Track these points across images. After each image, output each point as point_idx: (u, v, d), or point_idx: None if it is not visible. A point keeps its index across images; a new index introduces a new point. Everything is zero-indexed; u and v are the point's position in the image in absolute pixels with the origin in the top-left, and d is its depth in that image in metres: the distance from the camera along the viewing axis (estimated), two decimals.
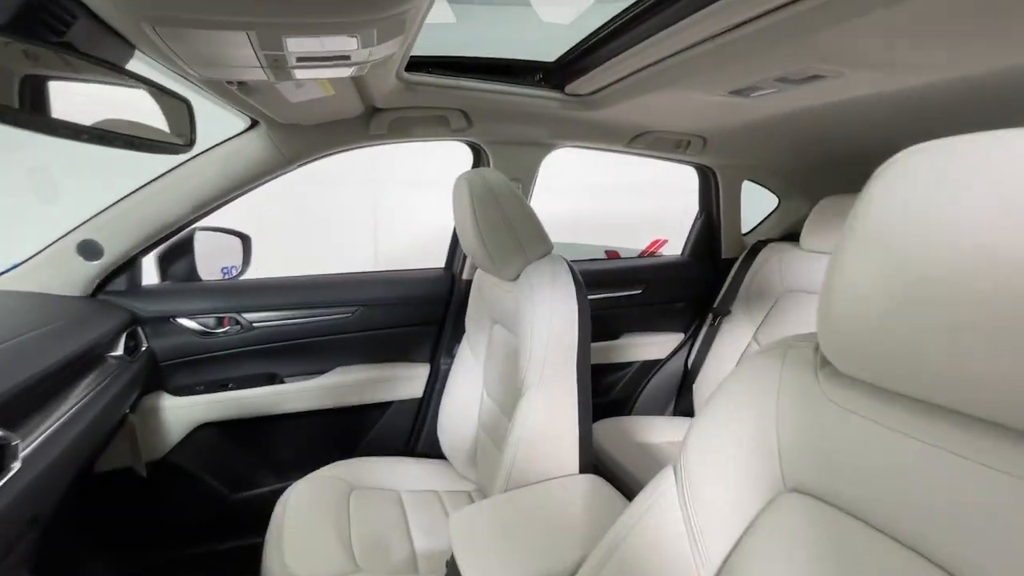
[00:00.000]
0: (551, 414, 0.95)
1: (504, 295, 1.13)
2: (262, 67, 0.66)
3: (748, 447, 0.54)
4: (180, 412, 1.26)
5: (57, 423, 0.77)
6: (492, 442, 1.19)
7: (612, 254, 4.34)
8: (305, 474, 1.23)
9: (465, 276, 1.48)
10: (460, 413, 1.32)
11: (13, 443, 0.65)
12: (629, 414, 1.84)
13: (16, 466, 0.65)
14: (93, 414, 0.87)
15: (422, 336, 1.50)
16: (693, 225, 1.87)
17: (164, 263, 1.30)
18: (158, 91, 0.63)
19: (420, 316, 1.48)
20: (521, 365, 0.99)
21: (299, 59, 0.65)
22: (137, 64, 0.63)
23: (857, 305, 0.41)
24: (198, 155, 1.12)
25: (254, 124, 1.12)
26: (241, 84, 0.78)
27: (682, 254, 1.90)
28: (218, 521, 1.35)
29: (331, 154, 1.24)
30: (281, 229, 3.22)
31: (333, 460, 1.29)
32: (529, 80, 1.18)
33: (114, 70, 0.57)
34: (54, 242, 1.10)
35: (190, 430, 1.28)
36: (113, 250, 1.12)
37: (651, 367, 1.84)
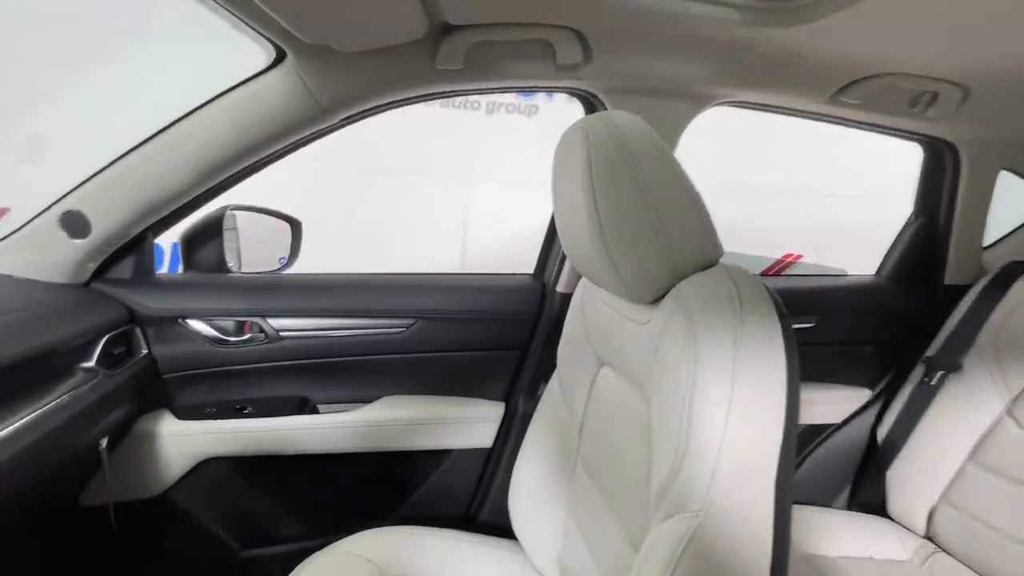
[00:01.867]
0: (722, 559, 0.49)
1: (629, 327, 0.69)
2: None
3: None
4: (185, 440, 0.99)
5: None
6: (587, 545, 0.79)
7: None
8: (338, 533, 0.91)
9: (561, 288, 1.06)
10: (543, 480, 0.92)
11: None
12: None
13: None
14: (29, 441, 0.66)
15: (497, 365, 1.12)
16: (902, 232, 1.28)
17: (188, 248, 1.06)
18: None
19: (496, 338, 1.10)
20: (658, 463, 0.54)
21: None
22: None
23: None
24: (206, 104, 0.82)
25: (280, 59, 0.80)
26: None
27: (878, 274, 1.32)
28: None
29: (386, 105, 0.88)
30: (355, 223, 3.03)
31: (366, 522, 0.96)
32: None
33: None
34: (38, 214, 0.86)
35: (195, 463, 1.00)
36: (102, 225, 0.85)
37: (818, 434, 1.30)
